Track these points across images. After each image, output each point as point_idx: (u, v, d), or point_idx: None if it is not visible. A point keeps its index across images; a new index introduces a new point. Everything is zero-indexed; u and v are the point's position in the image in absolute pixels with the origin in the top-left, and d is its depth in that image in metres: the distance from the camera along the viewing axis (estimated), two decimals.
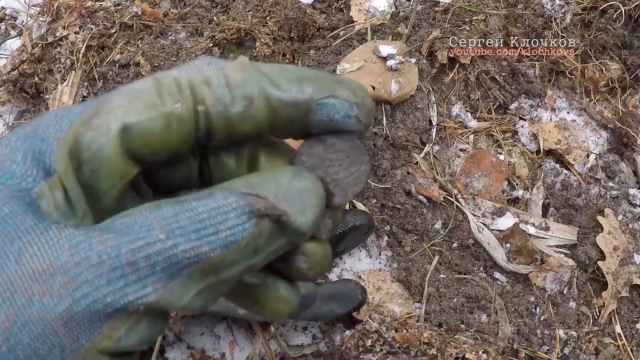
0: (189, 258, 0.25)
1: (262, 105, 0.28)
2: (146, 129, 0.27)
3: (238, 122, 0.28)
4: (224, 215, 0.25)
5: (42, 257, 0.24)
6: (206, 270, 0.25)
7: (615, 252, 1.02)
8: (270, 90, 0.28)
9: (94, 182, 0.27)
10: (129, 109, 0.27)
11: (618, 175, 1.11)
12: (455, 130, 1.09)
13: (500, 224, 1.02)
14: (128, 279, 0.24)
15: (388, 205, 1.00)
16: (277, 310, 0.32)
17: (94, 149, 0.26)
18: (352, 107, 0.29)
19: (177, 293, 0.25)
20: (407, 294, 0.96)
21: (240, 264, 0.27)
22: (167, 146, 0.28)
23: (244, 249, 0.26)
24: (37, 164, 0.27)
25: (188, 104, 0.27)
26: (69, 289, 0.24)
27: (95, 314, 0.24)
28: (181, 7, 1.16)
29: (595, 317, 1.00)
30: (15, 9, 1.28)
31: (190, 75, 0.28)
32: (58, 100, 1.09)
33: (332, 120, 0.29)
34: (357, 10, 1.16)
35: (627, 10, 1.13)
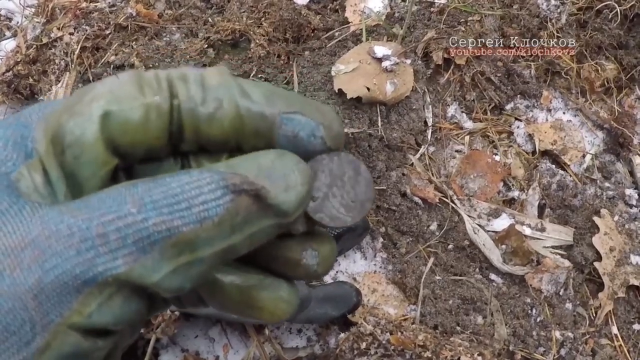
0: (161, 232, 0.24)
1: (231, 111, 0.28)
2: (126, 117, 0.27)
3: (205, 124, 0.28)
4: (197, 190, 0.25)
5: (14, 233, 0.24)
6: (180, 246, 0.25)
7: (612, 253, 1.02)
8: (240, 99, 0.28)
9: (76, 169, 0.27)
10: (110, 98, 0.27)
11: (614, 176, 1.11)
12: (450, 131, 1.09)
13: (496, 225, 1.02)
14: (98, 251, 0.24)
15: (383, 207, 1.00)
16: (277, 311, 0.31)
17: (77, 134, 0.26)
18: (318, 127, 0.29)
19: (148, 267, 0.24)
20: (403, 295, 0.96)
21: (217, 243, 0.26)
22: (145, 137, 0.28)
23: (218, 226, 0.25)
24: (18, 149, 0.27)
25: (165, 96, 0.27)
26: (39, 261, 0.23)
27: (65, 286, 0.24)
28: (176, 8, 1.15)
29: (591, 318, 1.00)
30: (10, 10, 1.27)
31: (170, 72, 0.28)
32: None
33: (296, 136, 0.29)
34: (352, 11, 1.15)
35: (623, 11, 1.12)
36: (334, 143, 0.29)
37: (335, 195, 0.31)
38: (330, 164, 0.31)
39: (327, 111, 0.29)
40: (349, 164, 0.32)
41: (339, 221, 0.31)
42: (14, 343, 0.24)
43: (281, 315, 0.31)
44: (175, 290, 0.26)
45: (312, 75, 1.05)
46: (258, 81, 0.35)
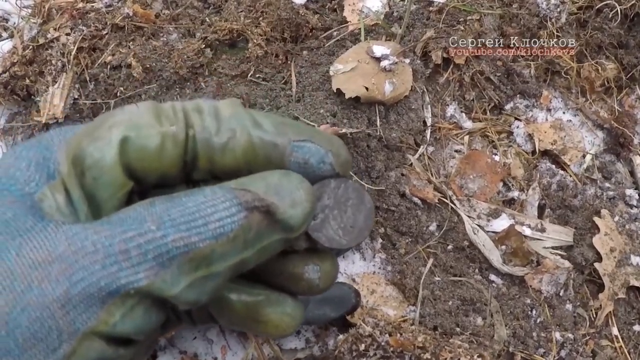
0: (179, 247, 0.26)
1: (244, 140, 0.30)
2: (144, 144, 0.29)
3: (219, 153, 0.30)
4: (213, 208, 0.26)
5: (40, 248, 0.25)
6: (197, 261, 0.26)
7: (612, 254, 1.01)
8: (252, 129, 0.30)
9: (95, 190, 0.28)
10: (129, 125, 0.28)
11: (614, 176, 1.11)
12: (450, 131, 1.08)
13: (496, 226, 1.02)
14: (121, 265, 0.25)
15: (382, 207, 0.99)
16: (282, 325, 0.32)
17: (97, 157, 0.28)
18: (327, 154, 0.30)
19: (168, 281, 0.26)
20: (402, 297, 0.96)
21: (231, 257, 0.27)
22: (160, 164, 0.29)
23: (233, 241, 0.27)
24: (40, 170, 0.29)
25: (181, 126, 0.29)
26: (66, 275, 0.25)
27: (91, 297, 0.25)
28: (173, 8, 1.15)
29: (592, 319, 0.99)
30: (6, 11, 1.26)
31: (185, 103, 0.30)
32: (49, 102, 1.08)
33: (307, 163, 0.30)
34: (350, 10, 1.15)
35: (623, 10, 1.12)
36: (342, 169, 0.31)
37: (336, 218, 0.32)
38: (336, 189, 0.32)
39: (335, 139, 0.30)
40: (354, 191, 0.32)
41: (335, 243, 0.31)
42: (41, 350, 0.25)
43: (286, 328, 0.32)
44: (193, 303, 0.27)
45: (311, 75, 1.05)
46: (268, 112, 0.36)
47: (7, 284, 0.24)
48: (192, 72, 1.07)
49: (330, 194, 0.32)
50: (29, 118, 1.12)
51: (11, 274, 0.24)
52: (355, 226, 0.32)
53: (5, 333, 0.24)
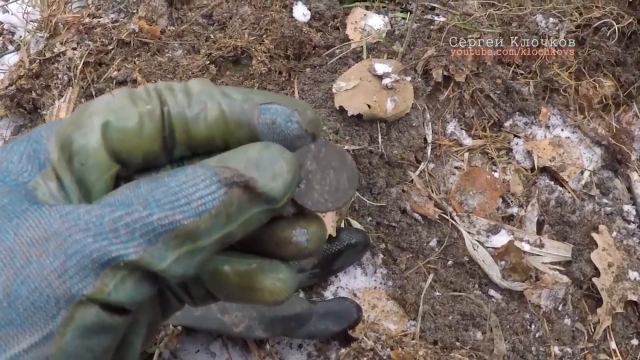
0: (164, 225, 0.27)
1: (214, 109, 0.32)
2: (123, 125, 0.31)
3: (193, 124, 0.32)
4: (195, 187, 0.28)
5: (37, 227, 0.27)
6: (182, 237, 0.28)
7: (610, 269, 1.02)
8: (221, 98, 0.32)
9: (83, 174, 0.31)
10: (108, 110, 0.31)
11: (612, 192, 1.12)
12: (450, 148, 1.10)
13: (495, 241, 1.03)
14: (111, 241, 0.27)
15: (383, 223, 1.00)
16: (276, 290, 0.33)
17: (82, 142, 0.30)
18: (293, 113, 0.32)
19: (155, 256, 0.27)
20: (403, 311, 0.97)
21: (215, 232, 0.29)
22: (141, 142, 0.31)
23: (215, 217, 0.28)
24: (32, 162, 0.30)
25: (156, 104, 0.31)
26: (62, 248, 0.27)
27: (85, 268, 0.27)
28: (178, 25, 1.16)
29: (590, 334, 1.00)
30: (13, 24, 1.28)
31: (157, 84, 0.32)
32: (55, 115, 1.10)
33: (274, 123, 0.32)
34: (352, 28, 1.16)
35: (621, 28, 1.13)
36: (310, 127, 0.32)
37: (320, 182, 0.33)
38: (317, 152, 0.33)
39: (301, 102, 0.33)
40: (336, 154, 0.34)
41: (321, 206, 0.33)
42: (41, 317, 0.27)
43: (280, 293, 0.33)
44: (181, 276, 0.29)
45: (313, 92, 1.06)
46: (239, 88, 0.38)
47: (7, 261, 0.26)
48: None
49: (312, 159, 0.33)
50: None
51: (11, 252, 0.27)
52: (340, 188, 0.34)
53: (7, 304, 0.26)
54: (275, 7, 1.16)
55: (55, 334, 0.27)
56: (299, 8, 1.17)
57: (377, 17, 1.18)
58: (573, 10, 1.17)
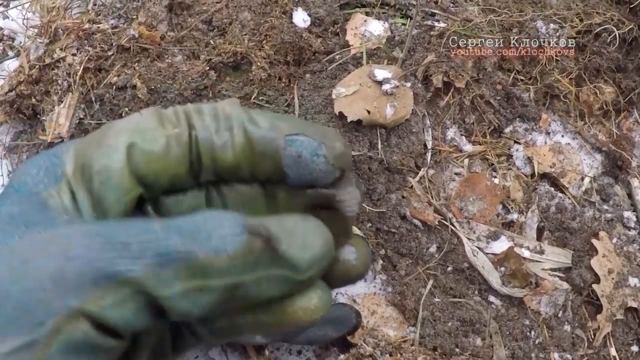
0: (179, 252, 0.26)
1: (241, 136, 0.31)
2: (150, 148, 0.30)
3: (220, 150, 0.31)
4: (218, 224, 0.27)
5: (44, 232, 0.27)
6: (194, 270, 0.27)
7: (610, 275, 1.02)
8: (248, 125, 0.31)
9: (102, 194, 0.30)
10: (135, 130, 0.30)
11: (612, 198, 1.12)
12: (450, 154, 1.10)
13: (495, 248, 1.03)
14: (120, 254, 0.26)
15: (383, 229, 1.00)
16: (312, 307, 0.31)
17: (104, 162, 0.29)
18: (320, 146, 0.31)
19: (163, 281, 0.26)
20: (402, 317, 0.97)
21: (229, 276, 0.27)
22: (167, 166, 0.31)
23: (231, 259, 0.27)
24: (49, 175, 0.30)
25: (184, 128, 0.31)
26: (64, 251, 0.25)
27: (84, 276, 0.25)
28: (178, 30, 1.16)
29: (590, 340, 1.00)
30: (13, 30, 1.28)
31: (187, 106, 0.32)
32: (55, 121, 1.10)
33: (300, 156, 0.31)
34: (352, 34, 1.16)
35: (621, 34, 1.13)
36: (337, 162, 0.31)
37: None
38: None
39: (330, 132, 0.31)
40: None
41: None
42: (28, 321, 0.25)
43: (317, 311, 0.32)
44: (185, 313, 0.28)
45: (313, 98, 1.06)
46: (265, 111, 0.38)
47: (5, 260, 0.25)
48: (197, 94, 1.08)
49: None
50: (34, 137, 1.13)
51: (12, 252, 0.26)
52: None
53: None
54: (275, 13, 1.16)
55: (40, 343, 0.25)
56: (298, 14, 1.17)
57: (377, 23, 1.18)
58: (574, 16, 1.17)
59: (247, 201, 0.34)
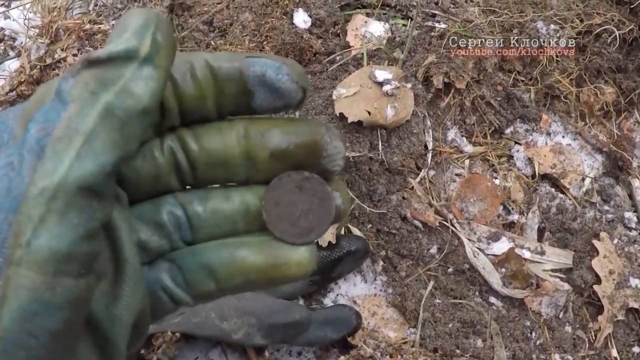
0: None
1: (202, 67, 0.30)
2: None
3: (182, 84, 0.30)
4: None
5: None
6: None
7: (611, 276, 1.02)
8: (206, 55, 0.31)
9: None
10: None
11: (613, 199, 1.12)
12: (450, 155, 1.10)
13: (496, 249, 1.03)
14: None
15: (383, 230, 1.00)
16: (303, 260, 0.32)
17: None
18: (282, 66, 0.31)
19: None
20: (402, 319, 0.97)
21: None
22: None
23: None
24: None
25: None
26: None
27: None
28: (179, 31, 1.16)
29: (591, 341, 1.00)
30: (14, 30, 1.28)
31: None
32: None
33: (264, 75, 0.31)
34: (353, 35, 1.16)
35: (622, 35, 1.13)
36: (300, 79, 0.31)
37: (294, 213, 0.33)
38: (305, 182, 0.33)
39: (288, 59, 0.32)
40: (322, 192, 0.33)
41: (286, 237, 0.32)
42: None
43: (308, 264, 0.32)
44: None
45: (314, 99, 1.06)
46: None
47: None
48: None
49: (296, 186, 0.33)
50: None
51: None
52: (311, 226, 0.33)
53: None
54: (275, 13, 1.16)
55: None
56: (299, 15, 1.17)
57: (377, 24, 1.18)
58: (574, 16, 1.16)
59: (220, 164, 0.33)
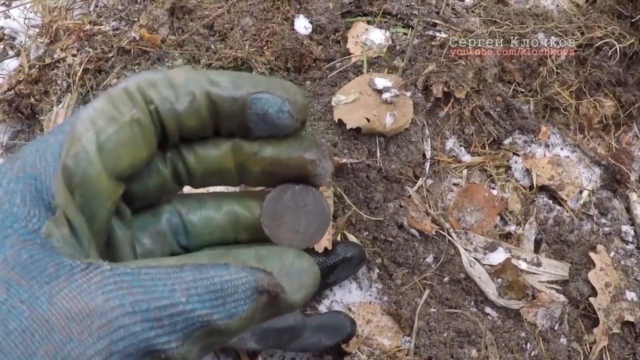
0: (202, 322, 0.28)
1: (204, 100, 0.31)
2: (116, 142, 0.30)
3: (184, 117, 0.31)
4: (234, 289, 0.29)
5: (75, 299, 0.26)
6: (212, 333, 0.29)
7: (607, 289, 1.02)
8: (210, 87, 0.31)
9: (84, 205, 0.30)
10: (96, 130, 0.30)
11: (611, 212, 1.12)
12: (448, 164, 1.09)
13: (492, 259, 1.02)
14: (157, 332, 0.27)
15: (380, 238, 1.00)
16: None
17: (80, 174, 0.29)
18: (284, 103, 0.32)
19: (189, 350, 0.28)
20: (397, 327, 0.96)
21: (239, 331, 0.30)
22: (139, 153, 0.31)
23: (243, 320, 0.29)
24: (37, 204, 0.29)
25: (142, 107, 0.30)
26: (107, 330, 0.26)
27: (130, 355, 0.27)
28: (179, 34, 1.16)
29: (586, 354, 1.00)
30: (14, 29, 1.28)
31: (137, 80, 0.31)
32: (53, 121, 1.10)
33: (266, 113, 0.32)
34: (353, 42, 1.16)
35: (622, 48, 1.13)
36: (300, 115, 0.33)
37: (292, 220, 0.34)
38: (299, 193, 0.34)
39: (290, 86, 0.33)
40: (315, 199, 0.35)
41: (285, 243, 0.34)
42: None
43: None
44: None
45: (313, 105, 1.06)
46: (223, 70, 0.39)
47: (44, 334, 0.25)
48: None
49: (291, 196, 0.34)
50: (32, 136, 1.13)
51: (47, 323, 0.25)
52: (308, 231, 0.35)
53: None
54: (276, 19, 1.16)
55: None
56: (300, 21, 1.17)
57: (378, 32, 1.18)
58: (575, 29, 1.17)
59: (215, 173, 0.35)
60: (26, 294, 0.26)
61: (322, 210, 0.35)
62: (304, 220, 0.35)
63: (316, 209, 0.35)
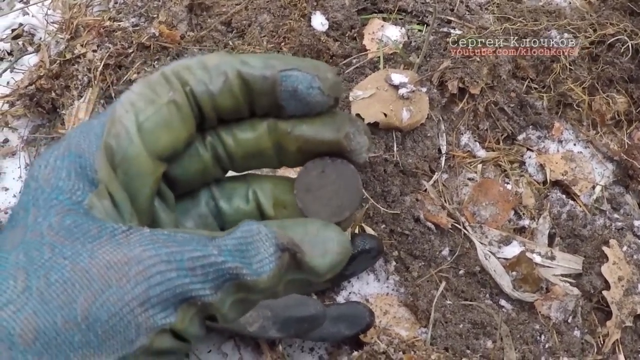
0: (232, 275, 0.29)
1: (236, 79, 0.32)
2: (155, 123, 0.31)
3: (219, 97, 0.32)
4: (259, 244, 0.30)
5: (114, 252, 0.28)
6: (241, 287, 0.30)
7: (620, 282, 1.03)
8: (241, 67, 0.32)
9: (127, 184, 0.31)
10: (135, 111, 0.31)
11: (623, 207, 1.13)
12: (463, 159, 1.11)
13: (507, 252, 1.04)
14: (192, 279, 0.29)
15: (397, 231, 1.01)
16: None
17: (122, 153, 0.31)
18: (314, 79, 0.32)
19: (222, 300, 0.30)
20: (414, 318, 0.98)
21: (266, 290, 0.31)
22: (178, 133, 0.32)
23: (269, 279, 0.30)
24: (82, 179, 0.31)
25: (178, 89, 0.32)
26: (144, 276, 0.28)
27: (167, 300, 0.28)
28: (198, 31, 1.18)
29: (599, 346, 1.01)
30: (33, 26, 1.30)
31: (174, 67, 0.33)
32: (74, 116, 1.11)
33: (296, 90, 0.33)
34: (370, 39, 1.18)
35: (634, 45, 1.15)
36: (332, 91, 0.33)
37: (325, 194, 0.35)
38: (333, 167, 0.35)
39: (321, 65, 0.34)
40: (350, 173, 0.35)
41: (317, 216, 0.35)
42: (118, 341, 0.28)
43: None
44: (231, 320, 0.32)
45: None
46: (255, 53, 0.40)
47: (84, 282, 0.27)
48: None
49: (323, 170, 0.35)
50: (52, 130, 1.14)
51: (87, 273, 0.27)
52: (341, 205, 0.35)
53: (86, 326, 0.26)
54: (294, 16, 1.17)
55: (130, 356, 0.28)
56: (317, 17, 1.19)
57: (394, 28, 1.20)
58: (587, 26, 1.18)
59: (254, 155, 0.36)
60: (69, 252, 0.28)
61: (354, 185, 0.35)
62: (335, 194, 0.35)
63: (348, 183, 0.35)
